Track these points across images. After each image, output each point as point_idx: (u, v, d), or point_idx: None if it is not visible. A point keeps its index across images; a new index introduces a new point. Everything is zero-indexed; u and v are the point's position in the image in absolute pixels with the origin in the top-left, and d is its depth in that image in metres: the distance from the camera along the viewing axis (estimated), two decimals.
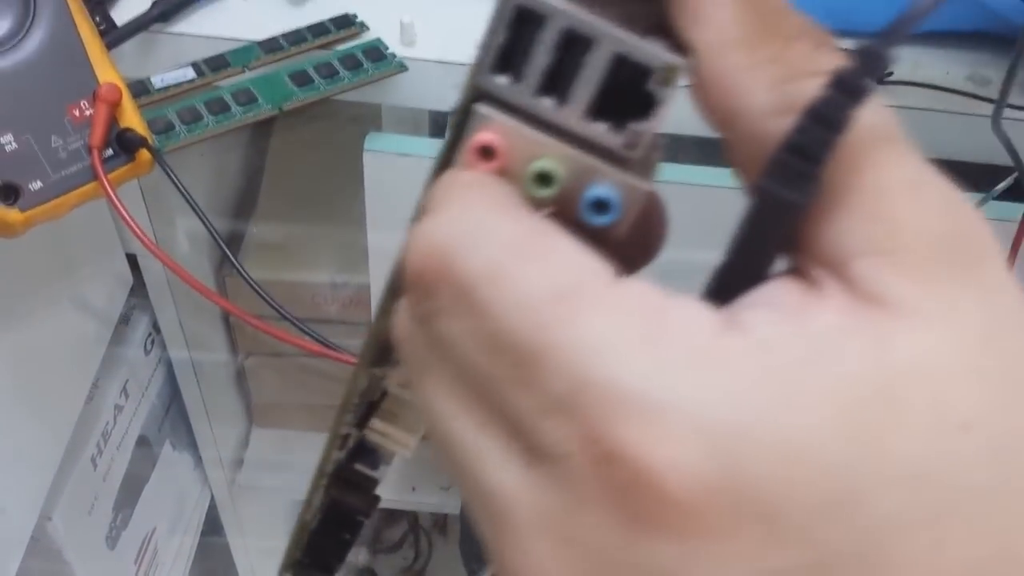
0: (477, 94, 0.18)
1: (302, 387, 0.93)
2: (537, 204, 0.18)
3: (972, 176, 0.57)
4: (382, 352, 0.22)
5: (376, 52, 0.51)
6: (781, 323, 0.15)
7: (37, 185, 0.40)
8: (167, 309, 0.77)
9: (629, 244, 0.19)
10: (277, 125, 0.82)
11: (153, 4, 0.52)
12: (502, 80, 0.18)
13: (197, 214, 0.43)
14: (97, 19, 0.50)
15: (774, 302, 0.16)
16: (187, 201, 0.42)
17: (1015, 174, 0.55)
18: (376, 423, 0.24)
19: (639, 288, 0.16)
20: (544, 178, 0.18)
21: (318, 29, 0.52)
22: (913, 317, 0.15)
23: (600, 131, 0.18)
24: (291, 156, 0.87)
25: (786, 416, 0.14)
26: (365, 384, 0.23)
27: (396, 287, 0.20)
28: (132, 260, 0.71)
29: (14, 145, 0.39)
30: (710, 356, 0.15)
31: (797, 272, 0.16)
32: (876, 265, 0.15)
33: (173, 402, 0.88)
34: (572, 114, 0.18)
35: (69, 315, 0.64)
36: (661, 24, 0.18)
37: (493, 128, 0.18)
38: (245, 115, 0.48)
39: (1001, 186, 0.55)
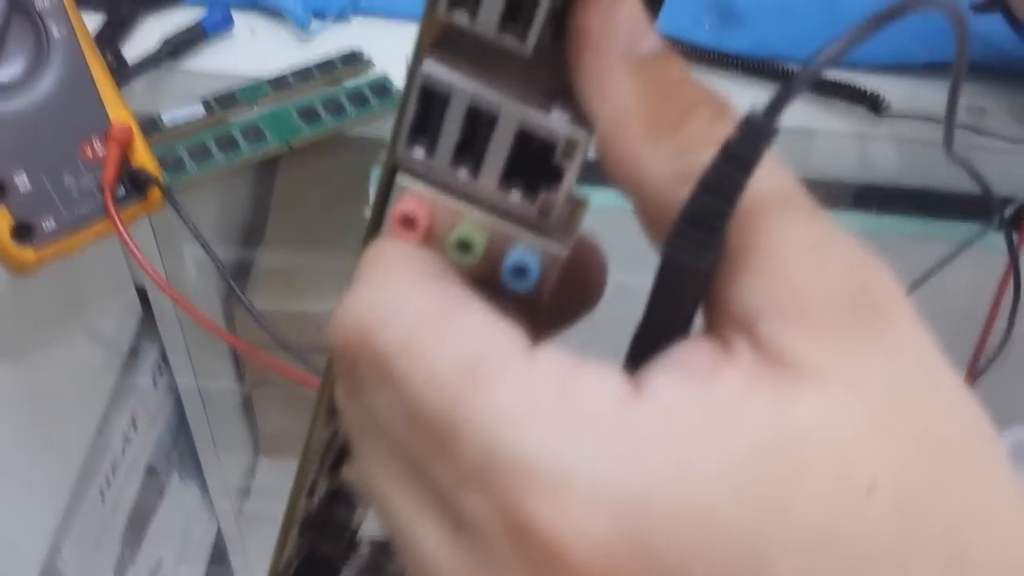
0: (396, 168, 0.19)
1: (309, 417, 0.93)
2: (461, 270, 0.19)
3: (971, 205, 0.58)
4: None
5: (382, 88, 0.52)
6: (687, 387, 0.15)
7: (50, 224, 0.41)
8: (176, 340, 0.77)
9: (564, 298, 0.20)
10: (284, 157, 0.83)
11: (164, 41, 0.53)
12: (418, 153, 0.18)
13: (206, 250, 0.44)
14: (109, 56, 0.51)
15: (685, 364, 0.16)
16: (196, 237, 0.43)
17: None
18: (346, 468, 0.24)
19: (550, 357, 0.16)
20: (464, 246, 0.19)
21: (325, 66, 0.53)
22: (816, 378, 0.15)
23: (514, 200, 0.18)
24: (298, 187, 0.88)
25: (689, 482, 0.14)
26: (326, 436, 0.23)
27: None
28: (142, 292, 0.71)
29: (28, 185, 0.40)
30: (615, 425, 0.15)
31: (712, 331, 0.17)
32: (780, 326, 0.15)
33: (180, 432, 0.88)
34: (486, 184, 0.18)
35: (79, 347, 0.65)
36: (568, 90, 0.19)
37: (414, 198, 0.19)
38: (254, 151, 0.49)
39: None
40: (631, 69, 0.18)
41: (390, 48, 0.54)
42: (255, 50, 0.55)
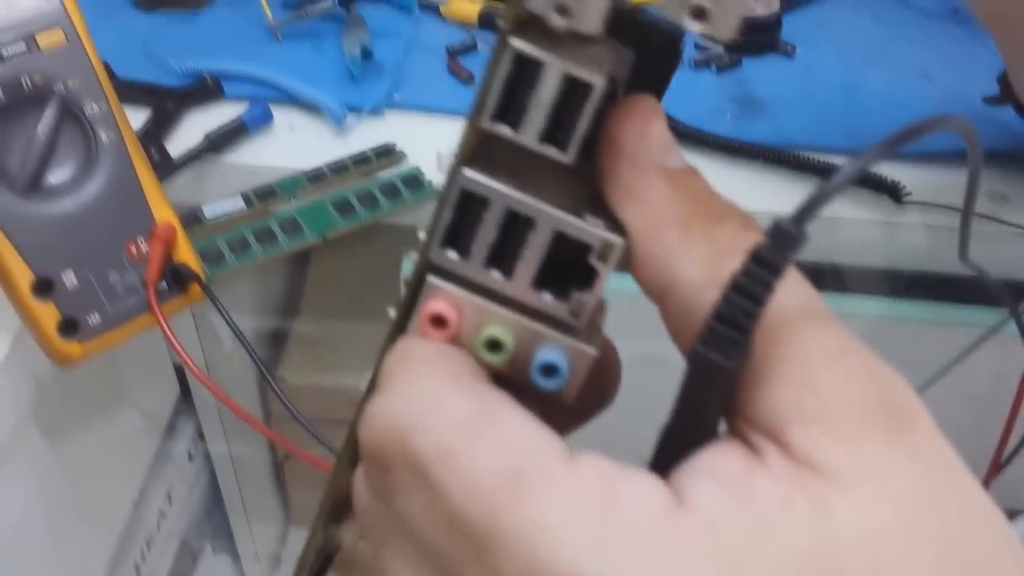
0: (428, 266, 0.20)
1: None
2: (489, 369, 0.19)
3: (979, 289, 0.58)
4: (339, 508, 0.23)
5: (414, 180, 0.54)
6: (726, 498, 0.16)
7: (95, 319, 0.42)
8: (211, 414, 0.79)
9: (583, 396, 0.20)
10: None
11: (205, 136, 0.55)
12: (452, 255, 0.19)
13: (242, 342, 0.45)
14: (153, 151, 0.54)
15: (718, 472, 0.16)
16: (233, 330, 0.44)
17: None
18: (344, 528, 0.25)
19: (591, 464, 0.16)
20: (494, 345, 0.19)
21: (360, 158, 0.55)
22: (848, 484, 0.15)
23: (546, 301, 0.19)
24: (332, 266, 0.90)
25: None
26: (322, 541, 0.24)
27: (352, 452, 0.21)
28: (179, 369, 0.73)
29: (75, 282, 0.42)
30: (659, 538, 0.15)
31: (737, 436, 0.17)
32: (809, 432, 0.16)
33: (214, 504, 0.89)
34: (519, 285, 0.19)
35: (119, 425, 0.66)
36: (599, 199, 0.20)
37: (444, 298, 0.19)
38: (291, 244, 0.50)
39: None
40: (665, 178, 0.19)
41: (422, 141, 0.56)
42: (293, 144, 0.57)
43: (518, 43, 0.18)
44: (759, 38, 0.63)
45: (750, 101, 0.61)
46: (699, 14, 0.17)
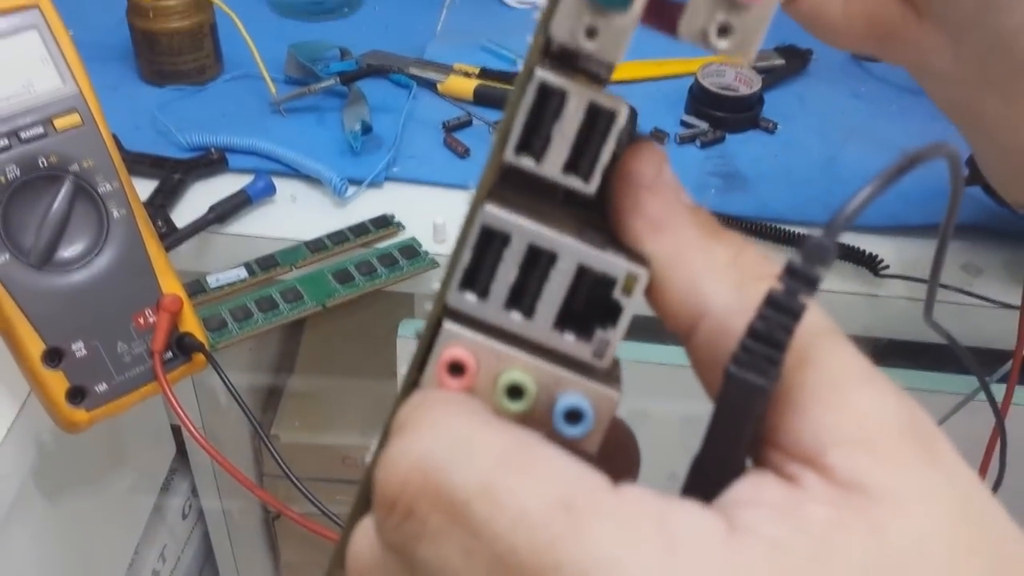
0: (444, 312, 0.19)
1: (328, 552, 0.95)
2: (509, 419, 0.18)
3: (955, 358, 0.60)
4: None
5: (411, 250, 0.56)
6: (782, 521, 0.16)
7: (102, 387, 0.44)
8: (206, 473, 0.80)
9: (603, 460, 0.19)
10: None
11: (210, 208, 0.57)
12: (470, 297, 0.19)
13: (242, 409, 0.47)
14: (159, 222, 0.56)
15: (765, 500, 0.16)
16: (235, 398, 0.46)
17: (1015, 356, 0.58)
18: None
19: (637, 495, 0.16)
20: (515, 391, 0.19)
21: (359, 229, 0.57)
22: (897, 502, 0.16)
23: (569, 341, 0.19)
24: (328, 331, 0.92)
25: None
26: None
27: (362, 510, 0.20)
28: (176, 429, 0.75)
29: (84, 351, 0.44)
30: (727, 565, 0.15)
31: (768, 467, 0.17)
32: (850, 454, 0.16)
33: (206, 563, 0.89)
34: (540, 326, 0.19)
35: (116, 484, 0.67)
36: (616, 238, 0.19)
37: (462, 345, 0.19)
38: (292, 312, 0.52)
39: (1002, 369, 0.58)
40: (683, 211, 0.19)
41: (419, 212, 0.58)
42: (295, 214, 0.59)
43: (543, 73, 0.18)
44: (741, 115, 0.66)
45: (733, 176, 0.63)
46: (724, 31, 0.18)
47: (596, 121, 0.18)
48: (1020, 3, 0.37)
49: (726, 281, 0.18)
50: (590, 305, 0.19)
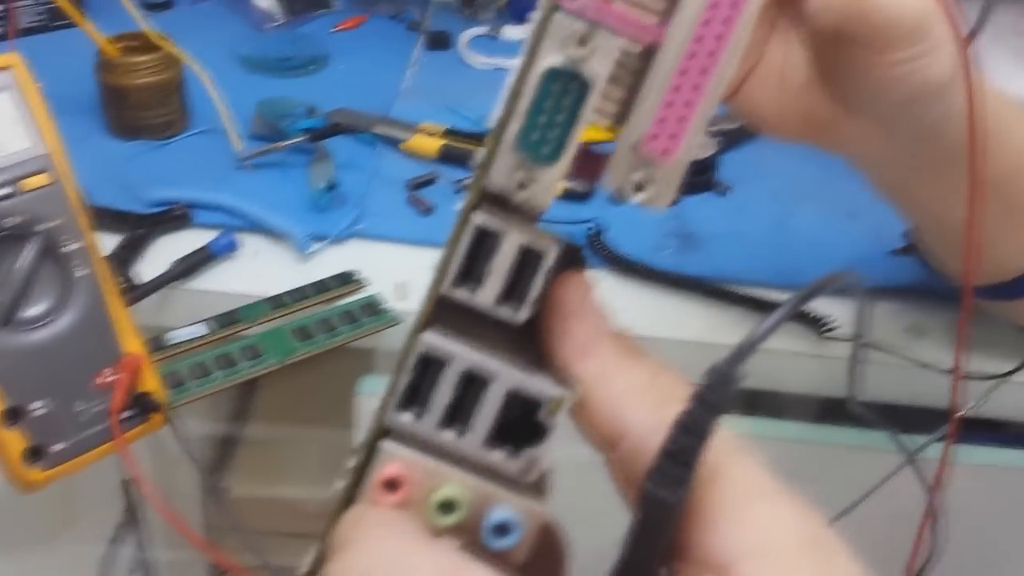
0: (382, 431, 0.21)
1: None
2: (440, 533, 0.20)
3: (913, 417, 0.62)
4: None
5: (372, 307, 0.57)
6: None
7: (60, 446, 0.44)
8: (155, 524, 0.79)
9: (533, 563, 0.20)
10: None
11: (173, 264, 0.58)
12: (407, 417, 0.20)
13: (197, 467, 0.47)
14: (122, 277, 0.57)
15: None
16: (191, 460, 0.46)
17: (957, 415, 0.60)
18: None
19: None
20: (447, 506, 0.20)
21: (321, 285, 0.58)
22: None
23: (499, 458, 0.20)
24: (283, 384, 0.92)
25: None
26: None
27: None
28: (125, 483, 0.74)
29: (43, 411, 0.44)
30: None
31: None
32: (756, 567, 0.18)
33: None
34: (472, 444, 0.20)
35: (64, 537, 0.67)
36: (544, 359, 0.21)
37: (398, 461, 0.20)
38: (251, 369, 0.53)
39: (939, 431, 0.60)
40: (609, 335, 0.21)
41: (383, 269, 0.60)
42: (257, 270, 0.60)
43: (481, 217, 0.20)
44: (697, 178, 0.68)
45: (689, 237, 0.65)
46: (640, 187, 0.20)
47: (527, 259, 0.20)
48: (940, 97, 0.40)
49: (644, 404, 0.20)
50: (519, 424, 0.20)
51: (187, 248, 0.59)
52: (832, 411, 0.64)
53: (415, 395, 0.21)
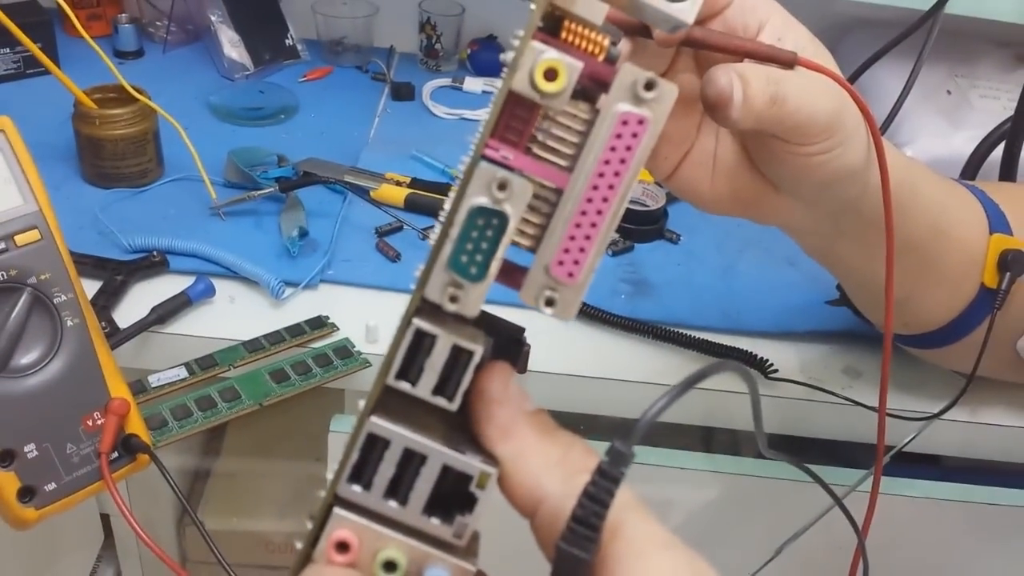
0: (334, 500, 0.24)
1: None
2: None
3: (848, 451, 0.66)
4: None
5: (344, 351, 0.60)
6: None
7: (51, 486, 0.47)
8: (131, 557, 0.81)
9: None
10: None
11: (152, 309, 0.60)
12: (356, 488, 0.24)
13: (181, 501, 0.50)
14: (103, 323, 0.59)
15: None
16: (178, 496, 0.49)
17: (891, 452, 0.65)
18: None
19: None
20: (390, 566, 0.24)
21: (295, 330, 0.61)
22: None
23: (434, 525, 0.24)
24: (255, 421, 0.95)
25: None
26: None
27: None
28: (104, 517, 0.76)
29: (35, 453, 0.46)
30: None
31: None
32: None
33: None
34: (412, 512, 0.24)
35: (42, 571, 0.68)
36: (472, 438, 0.25)
37: (348, 527, 0.24)
38: (230, 411, 0.56)
39: (868, 472, 0.64)
40: (526, 418, 0.25)
41: (352, 314, 0.63)
42: (233, 315, 0.63)
43: (419, 322, 0.24)
44: (648, 227, 0.73)
45: (641, 283, 0.69)
46: (550, 303, 0.24)
47: (459, 357, 0.24)
48: (856, 179, 0.44)
49: (557, 475, 0.24)
50: (453, 494, 0.24)
51: (165, 293, 0.62)
52: (780, 447, 0.68)
53: (364, 468, 0.24)
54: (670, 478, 0.64)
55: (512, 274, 0.24)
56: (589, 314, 0.65)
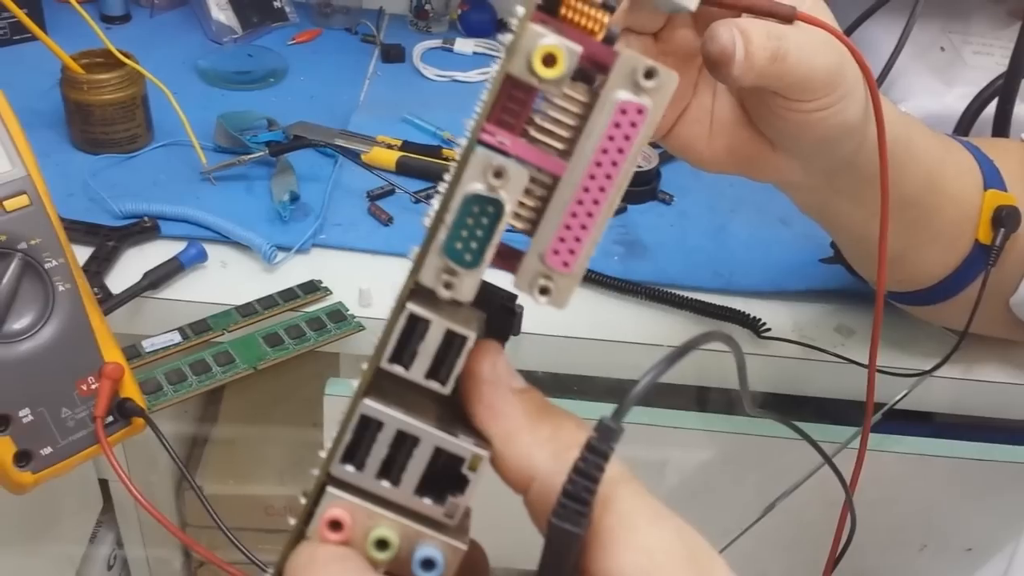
0: (328, 479, 0.24)
1: None
2: (377, 567, 0.24)
3: (842, 409, 0.67)
4: None
5: (338, 314, 0.60)
6: None
7: (47, 450, 0.47)
8: (130, 522, 0.82)
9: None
10: None
11: (144, 275, 0.60)
12: (349, 468, 0.24)
13: (178, 465, 0.50)
14: (96, 289, 0.59)
15: None
16: (174, 460, 0.49)
17: (882, 409, 0.65)
18: None
19: None
20: (382, 544, 0.24)
21: (288, 294, 0.61)
22: None
23: (426, 505, 0.24)
24: (252, 384, 0.95)
25: None
26: None
27: None
28: (103, 482, 0.77)
29: (30, 417, 0.46)
30: None
31: None
32: None
33: None
34: (404, 492, 0.24)
35: (45, 537, 0.69)
36: (465, 420, 0.25)
37: (341, 506, 0.24)
38: (224, 374, 0.56)
39: (876, 416, 0.65)
40: (515, 396, 0.25)
41: (345, 278, 0.63)
42: (226, 280, 0.63)
43: (412, 307, 0.24)
44: (641, 188, 0.72)
45: (634, 244, 0.69)
46: (544, 291, 0.24)
47: (452, 342, 0.24)
48: (853, 135, 0.44)
49: (547, 452, 0.24)
50: (445, 475, 0.24)
51: (156, 259, 0.61)
52: (773, 406, 0.68)
53: (356, 449, 0.24)
54: (663, 438, 0.65)
55: (507, 258, 0.24)
56: (583, 276, 0.65)
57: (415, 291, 0.24)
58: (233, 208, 0.67)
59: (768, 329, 0.63)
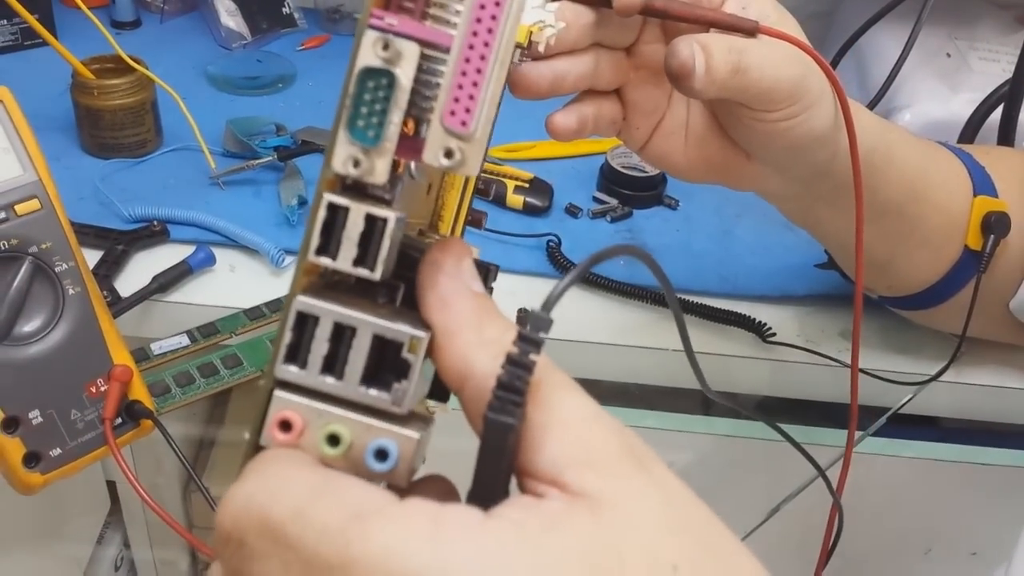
0: (275, 383, 0.25)
1: None
2: (331, 463, 0.24)
3: (847, 414, 0.67)
4: None
5: None
6: (524, 510, 0.21)
7: (56, 452, 0.47)
8: (137, 523, 0.82)
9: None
10: None
11: (153, 278, 0.61)
12: (293, 368, 0.24)
13: (186, 468, 0.51)
14: (105, 292, 0.59)
15: (516, 505, 0.22)
16: (182, 462, 0.50)
17: (886, 414, 0.66)
18: None
19: (417, 502, 0.21)
20: (334, 439, 0.24)
21: None
22: (615, 499, 0.21)
23: (372, 394, 0.24)
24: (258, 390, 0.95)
25: (541, 571, 0.20)
26: None
27: None
28: (110, 484, 0.77)
29: (40, 419, 0.47)
30: (479, 536, 0.20)
31: (524, 492, 0.23)
32: (580, 472, 0.22)
33: None
34: (349, 386, 0.24)
35: (53, 538, 0.69)
36: (402, 313, 0.25)
37: (289, 407, 0.24)
38: (232, 377, 0.56)
39: (877, 423, 0.65)
40: (470, 294, 0.25)
41: None
42: (234, 284, 0.63)
43: (330, 196, 0.24)
44: (647, 193, 0.73)
45: (640, 248, 0.70)
46: (448, 155, 0.24)
47: (374, 226, 0.24)
48: (825, 143, 0.45)
49: (488, 353, 0.24)
50: (389, 366, 0.24)
51: (165, 263, 0.62)
52: (780, 410, 0.69)
53: (298, 350, 0.24)
54: (665, 441, 0.65)
55: (413, 144, 0.24)
56: (588, 280, 0.65)
57: (336, 184, 0.25)
58: (241, 212, 0.67)
59: (773, 333, 0.63)
